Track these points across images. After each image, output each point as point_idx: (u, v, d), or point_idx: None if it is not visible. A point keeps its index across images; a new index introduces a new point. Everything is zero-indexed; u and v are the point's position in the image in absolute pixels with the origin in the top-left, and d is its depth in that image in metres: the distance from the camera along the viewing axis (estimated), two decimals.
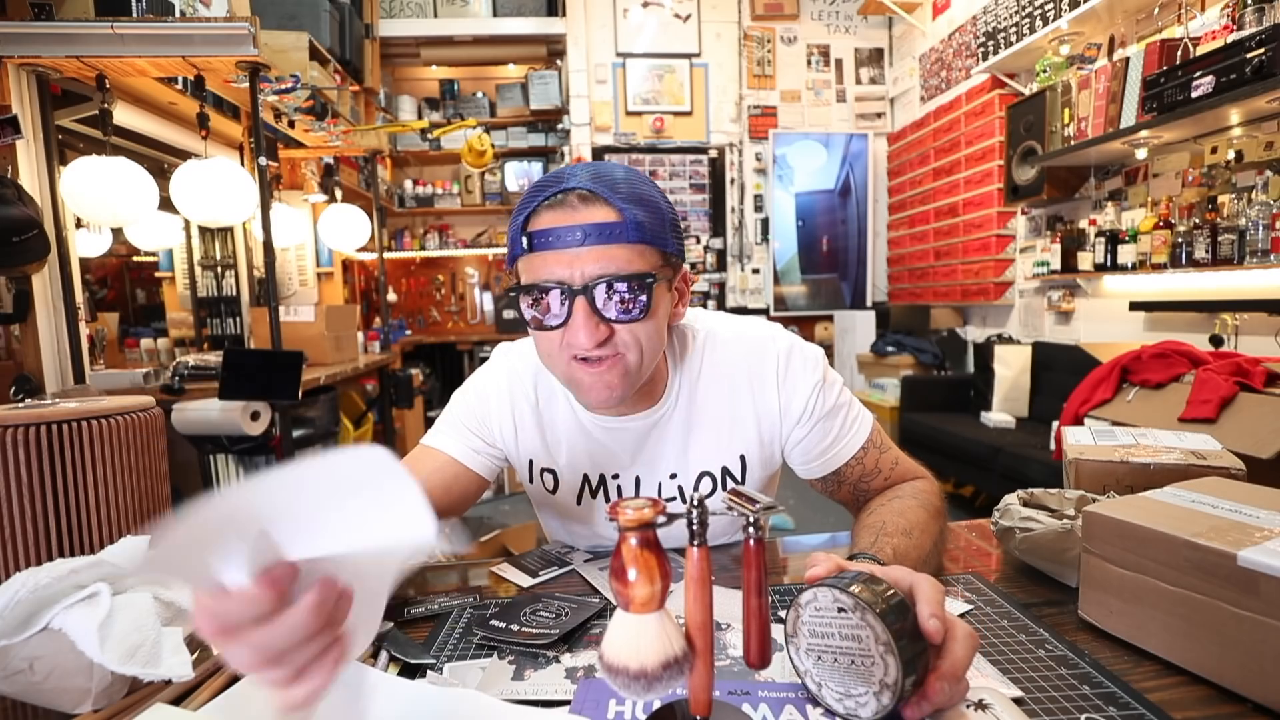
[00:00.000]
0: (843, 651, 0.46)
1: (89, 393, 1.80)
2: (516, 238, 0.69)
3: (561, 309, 0.67)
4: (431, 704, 0.51)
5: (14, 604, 0.47)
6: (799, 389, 0.81)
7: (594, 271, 0.65)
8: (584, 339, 0.66)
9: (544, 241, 0.66)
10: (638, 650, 0.39)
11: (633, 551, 0.39)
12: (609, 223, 0.65)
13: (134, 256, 3.29)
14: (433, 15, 4.72)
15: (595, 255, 0.65)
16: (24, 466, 1.28)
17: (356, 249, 3.82)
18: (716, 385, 0.83)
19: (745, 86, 4.81)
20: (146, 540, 0.59)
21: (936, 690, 0.45)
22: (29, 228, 1.83)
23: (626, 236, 0.65)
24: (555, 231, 0.65)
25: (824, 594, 0.47)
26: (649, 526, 0.40)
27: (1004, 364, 3.36)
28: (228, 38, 1.96)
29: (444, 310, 5.75)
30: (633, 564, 0.39)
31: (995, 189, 3.65)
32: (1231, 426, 1.80)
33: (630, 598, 0.40)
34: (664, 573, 0.40)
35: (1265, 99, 2.01)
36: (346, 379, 3.11)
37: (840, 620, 0.46)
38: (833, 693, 0.47)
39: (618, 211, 0.66)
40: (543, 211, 0.67)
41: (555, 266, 0.66)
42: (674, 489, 0.85)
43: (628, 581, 0.39)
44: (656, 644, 0.39)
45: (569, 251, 0.65)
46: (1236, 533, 0.53)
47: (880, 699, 0.45)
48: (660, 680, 0.39)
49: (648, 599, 0.39)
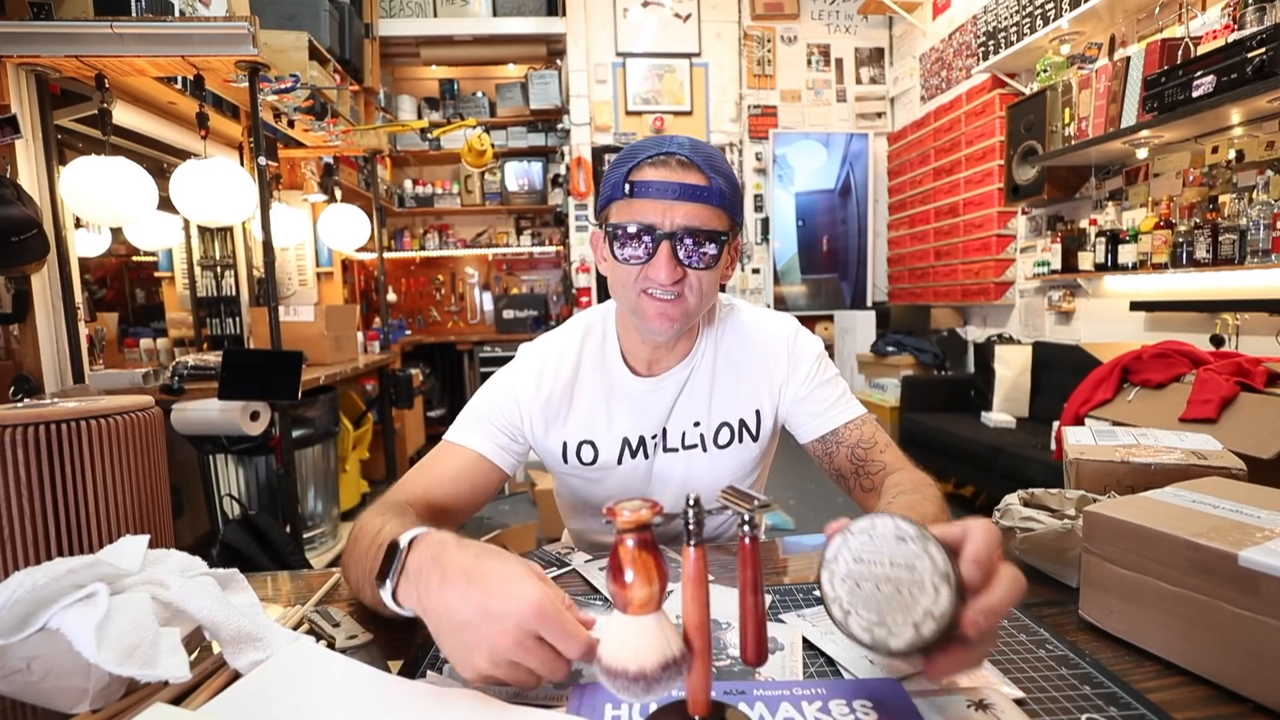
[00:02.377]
0: (888, 579, 0.44)
1: (88, 393, 1.80)
2: (619, 184, 0.80)
3: (646, 248, 0.79)
4: (432, 704, 0.50)
5: (11, 604, 0.47)
6: (804, 356, 0.95)
7: (682, 222, 0.78)
8: (664, 276, 0.78)
9: (645, 190, 0.78)
10: (636, 652, 0.39)
11: (630, 553, 0.39)
12: (700, 185, 0.78)
13: (133, 256, 3.29)
14: (433, 15, 4.72)
15: (685, 210, 0.78)
16: (23, 466, 1.28)
17: (356, 249, 3.82)
18: (737, 348, 0.95)
19: (745, 86, 4.81)
20: (146, 540, 0.59)
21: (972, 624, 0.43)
22: (28, 227, 1.83)
23: (711, 200, 0.79)
24: (655, 184, 0.78)
25: (884, 521, 0.46)
26: (646, 528, 0.40)
27: (1004, 364, 3.36)
28: (227, 37, 1.96)
29: (444, 310, 5.75)
30: (630, 565, 0.39)
31: (996, 189, 3.65)
32: (1232, 427, 1.80)
33: (628, 599, 0.39)
34: (661, 574, 0.40)
35: (1266, 98, 2.00)
36: (346, 379, 3.11)
37: (896, 548, 0.44)
38: (861, 620, 0.45)
39: (707, 178, 0.79)
40: (646, 167, 0.80)
41: (650, 212, 0.78)
42: (696, 436, 0.94)
43: (625, 583, 0.39)
44: (655, 645, 0.39)
45: (664, 202, 0.78)
46: (1237, 533, 0.53)
47: (921, 629, 0.42)
48: (659, 682, 0.39)
49: (646, 600, 0.39)
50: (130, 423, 1.44)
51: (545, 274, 5.80)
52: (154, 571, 0.55)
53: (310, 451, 2.73)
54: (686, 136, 0.83)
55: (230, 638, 0.53)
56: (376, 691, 0.51)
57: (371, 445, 3.86)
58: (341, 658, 0.56)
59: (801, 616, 0.65)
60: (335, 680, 0.52)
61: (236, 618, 0.53)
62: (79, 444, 1.34)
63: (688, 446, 0.94)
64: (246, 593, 0.60)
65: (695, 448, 0.94)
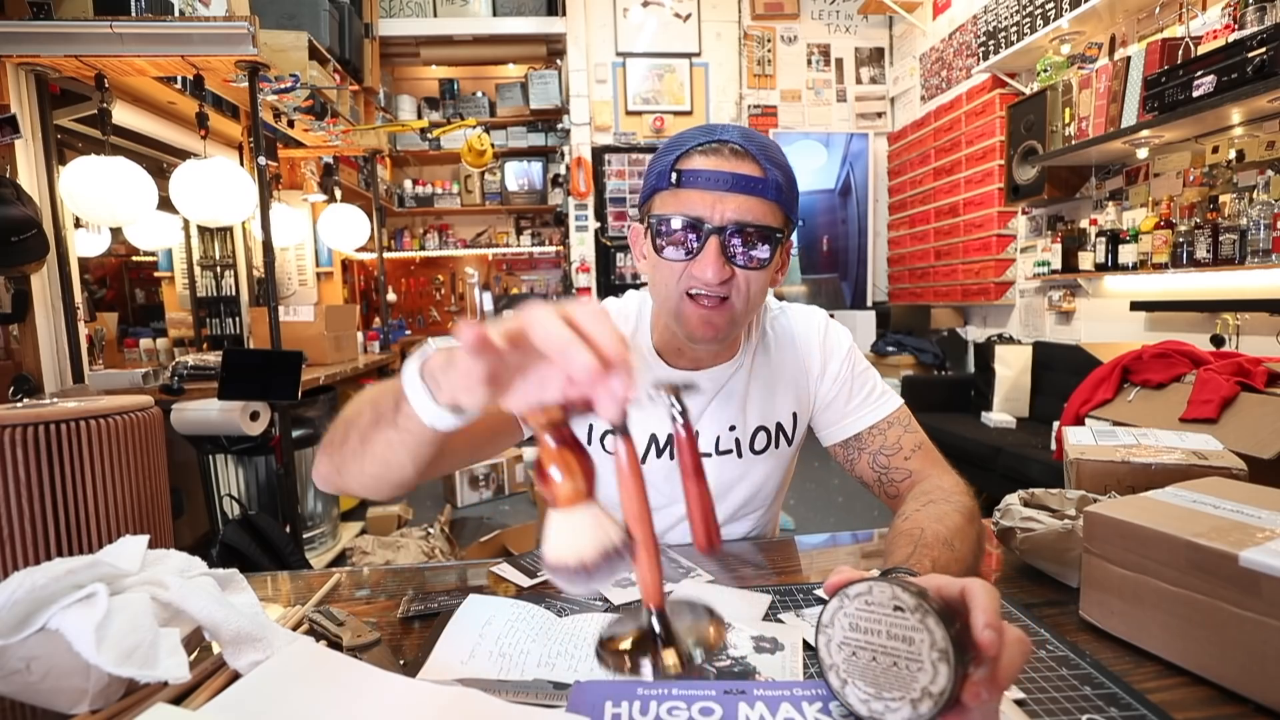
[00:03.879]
0: (885, 651, 0.44)
1: (88, 393, 1.80)
2: (665, 173, 0.75)
3: (693, 243, 0.73)
4: (432, 704, 0.50)
5: (11, 604, 0.47)
6: (836, 351, 0.91)
7: (733, 216, 0.72)
8: (711, 274, 0.72)
9: (693, 180, 0.72)
10: (574, 545, 0.40)
11: (551, 451, 0.40)
12: (754, 177, 0.72)
13: (133, 256, 3.29)
14: (432, 15, 4.71)
15: (737, 202, 0.72)
16: (22, 466, 1.28)
17: (356, 249, 3.82)
18: (777, 350, 0.92)
19: (745, 86, 4.81)
20: (145, 540, 0.59)
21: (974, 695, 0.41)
22: (28, 227, 1.83)
23: (766, 193, 0.72)
24: (706, 173, 0.72)
25: (881, 589, 0.45)
26: (561, 425, 0.41)
27: (1005, 364, 3.36)
28: (227, 37, 1.96)
29: (444, 310, 5.75)
30: (552, 462, 0.40)
31: (996, 189, 3.64)
32: (1233, 427, 1.79)
33: (556, 495, 0.40)
34: (584, 467, 0.41)
35: (1266, 98, 2.00)
36: (346, 379, 3.11)
37: (893, 619, 0.44)
38: (859, 693, 0.45)
39: (762, 169, 0.73)
40: (695, 155, 0.74)
41: (698, 204, 0.72)
42: (731, 442, 0.89)
43: (551, 481, 0.40)
44: (592, 535, 0.40)
45: (714, 193, 0.72)
46: (1238, 533, 0.53)
47: (918, 707, 0.42)
48: (601, 570, 0.40)
49: (573, 493, 0.40)
50: (130, 423, 1.44)
51: (545, 274, 5.80)
52: (154, 572, 0.55)
53: (310, 451, 2.73)
54: (737, 125, 0.77)
55: (230, 638, 0.53)
56: (376, 691, 0.51)
57: None
58: (341, 657, 0.56)
59: (801, 617, 0.65)
60: (335, 680, 0.52)
61: (236, 618, 0.53)
62: (79, 444, 1.34)
63: (722, 452, 0.89)
64: (246, 593, 0.60)
65: (730, 453, 0.89)
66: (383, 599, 0.74)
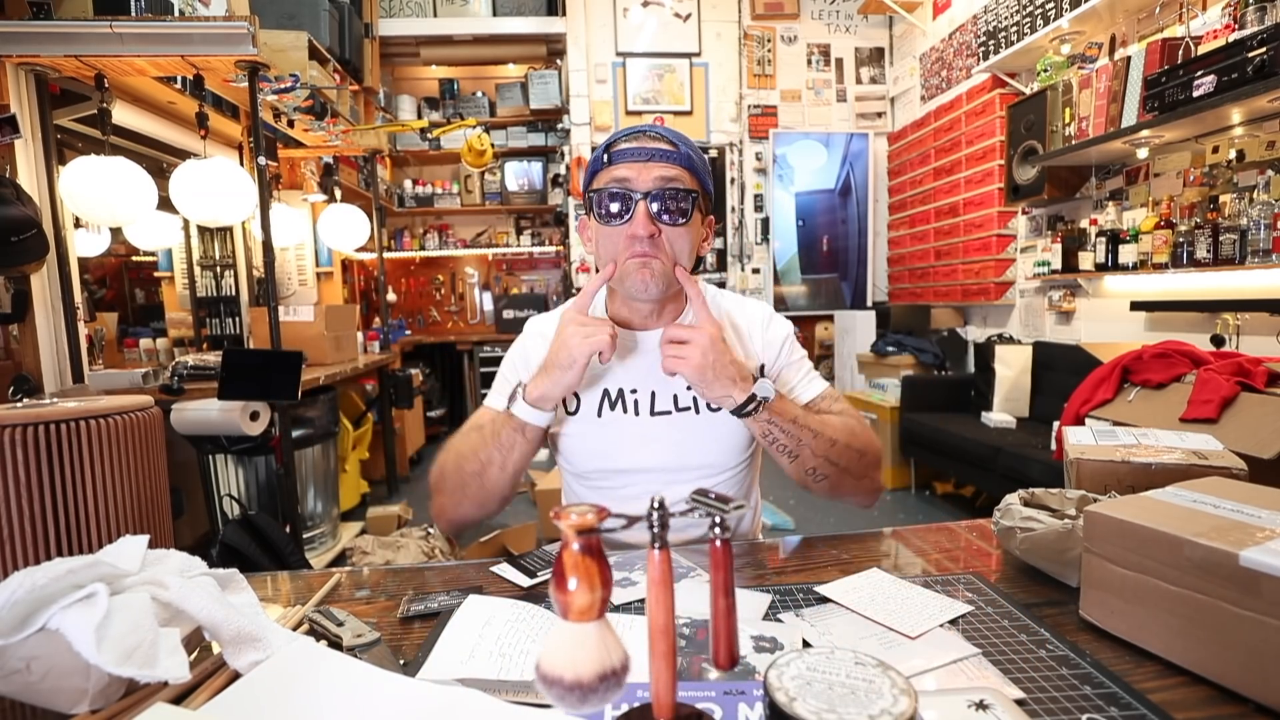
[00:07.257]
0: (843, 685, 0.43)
1: (87, 393, 1.80)
2: (599, 158, 0.92)
3: (625, 206, 0.89)
4: (431, 704, 0.50)
5: (11, 604, 0.47)
6: (776, 336, 1.02)
7: (655, 181, 0.88)
8: (641, 230, 0.87)
9: (621, 156, 0.90)
10: (573, 661, 0.38)
11: (574, 558, 0.38)
12: (670, 150, 0.90)
13: (133, 256, 3.29)
14: (432, 15, 4.71)
15: (657, 169, 0.89)
16: (22, 466, 1.28)
17: (356, 249, 3.82)
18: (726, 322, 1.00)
19: (745, 86, 4.81)
20: (145, 540, 0.59)
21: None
22: (27, 227, 1.83)
23: (680, 162, 0.90)
24: (631, 149, 0.90)
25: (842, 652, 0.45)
26: (592, 532, 0.39)
27: (1005, 364, 3.36)
28: (227, 37, 1.96)
29: (444, 310, 5.75)
30: (573, 571, 0.38)
31: (996, 189, 3.64)
32: (1233, 427, 1.79)
33: (569, 606, 0.39)
34: (604, 580, 0.39)
35: (1267, 98, 2.00)
36: (346, 379, 3.11)
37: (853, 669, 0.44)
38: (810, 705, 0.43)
39: (675, 145, 0.91)
40: (621, 141, 0.91)
41: (627, 173, 0.89)
42: (690, 399, 0.97)
43: (568, 589, 0.38)
44: (594, 654, 0.38)
45: (638, 164, 0.89)
46: (1238, 533, 0.53)
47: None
48: (595, 692, 0.38)
49: (587, 607, 0.38)
50: (130, 423, 1.44)
51: (545, 274, 5.80)
52: (154, 572, 0.55)
53: (310, 451, 2.73)
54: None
55: (230, 638, 0.53)
56: (376, 690, 0.51)
57: (371, 445, 3.86)
58: (341, 656, 0.56)
59: (801, 616, 0.65)
60: (335, 680, 0.52)
61: (236, 618, 0.53)
62: (79, 444, 1.34)
63: (681, 409, 0.97)
64: (246, 593, 0.60)
65: (688, 410, 0.96)
66: (383, 599, 0.74)
